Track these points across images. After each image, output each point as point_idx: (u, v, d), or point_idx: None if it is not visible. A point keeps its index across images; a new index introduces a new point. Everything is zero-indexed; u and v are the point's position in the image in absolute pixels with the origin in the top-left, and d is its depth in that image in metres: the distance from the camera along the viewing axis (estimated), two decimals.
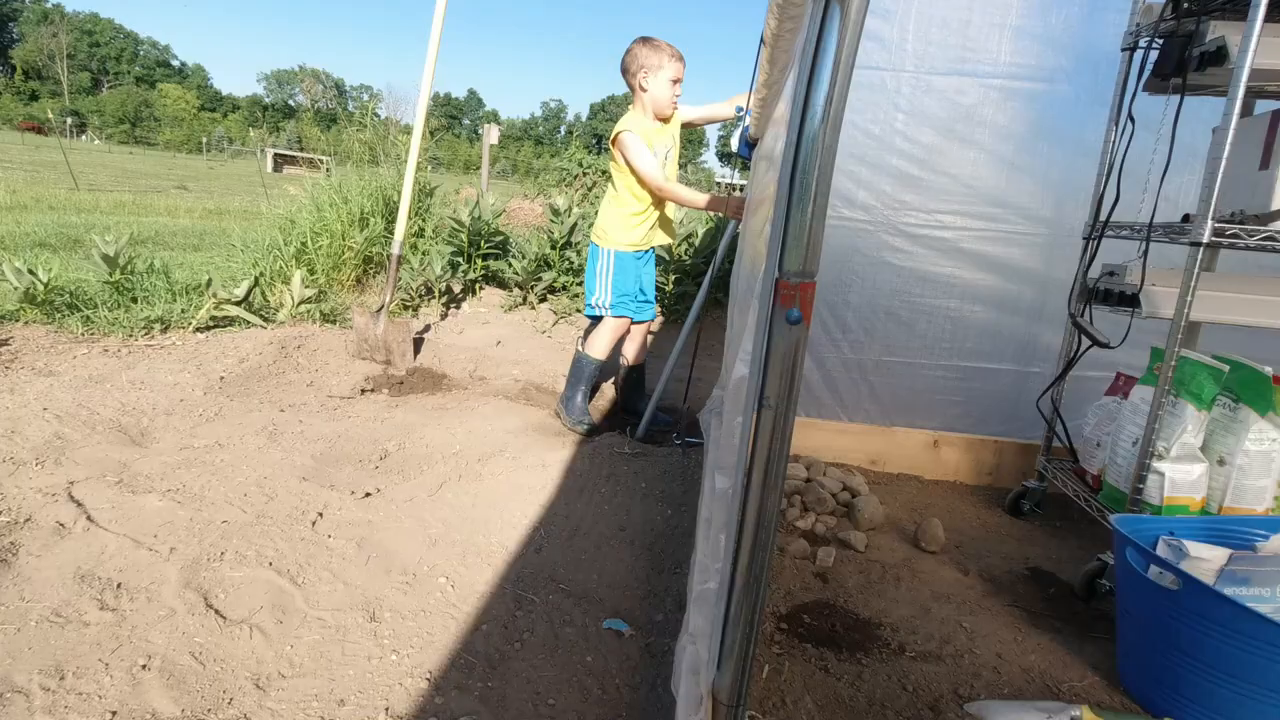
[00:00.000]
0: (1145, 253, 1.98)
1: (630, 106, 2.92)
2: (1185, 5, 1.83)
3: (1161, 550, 1.67)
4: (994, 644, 1.75)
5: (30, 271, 3.46)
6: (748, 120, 2.73)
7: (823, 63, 0.80)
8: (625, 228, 2.92)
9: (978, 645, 1.74)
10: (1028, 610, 1.94)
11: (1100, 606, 1.99)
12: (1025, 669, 1.67)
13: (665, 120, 2.89)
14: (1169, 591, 1.51)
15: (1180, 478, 1.92)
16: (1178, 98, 1.91)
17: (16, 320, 3.38)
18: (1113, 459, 2.15)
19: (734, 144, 2.86)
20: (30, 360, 2.95)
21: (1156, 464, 1.93)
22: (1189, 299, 1.80)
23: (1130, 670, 1.63)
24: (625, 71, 2.86)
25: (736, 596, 1.03)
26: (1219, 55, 1.78)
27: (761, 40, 1.35)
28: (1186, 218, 1.93)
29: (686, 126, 3.06)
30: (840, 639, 1.71)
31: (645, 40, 2.82)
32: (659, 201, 2.94)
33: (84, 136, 64.27)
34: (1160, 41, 2.02)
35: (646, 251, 3.04)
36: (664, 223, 3.05)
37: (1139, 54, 2.14)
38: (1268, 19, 1.61)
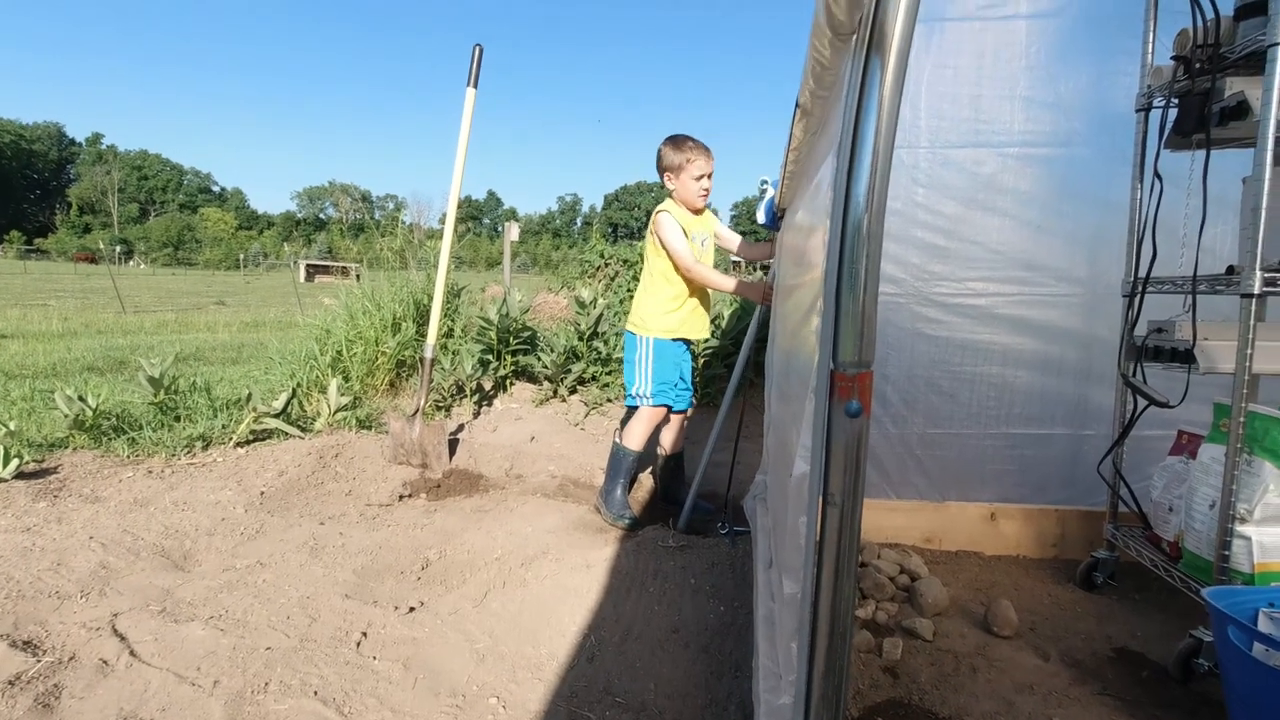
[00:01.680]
0: (1194, 307, 1.92)
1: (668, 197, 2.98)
2: (1198, 66, 1.85)
3: (1264, 625, 1.54)
4: None
5: (80, 398, 3.56)
6: (772, 192, 2.76)
7: (861, 154, 0.81)
8: (662, 313, 2.92)
9: None
10: (1121, 698, 1.79)
11: (1201, 689, 1.82)
12: None
13: (697, 212, 2.94)
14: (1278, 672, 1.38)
15: (1270, 541, 1.79)
16: (1202, 152, 1.91)
17: (65, 447, 3.45)
18: (1189, 524, 2.03)
19: (759, 215, 2.89)
20: (78, 487, 2.99)
21: (1241, 528, 1.81)
22: (1249, 352, 1.74)
23: None
24: (657, 170, 2.95)
25: (815, 711, 0.96)
26: (1240, 110, 1.79)
27: (796, 105, 1.37)
28: (1231, 269, 1.89)
29: None
30: None
31: (670, 140, 2.89)
32: (695, 287, 2.93)
33: (131, 262, 67.89)
34: (1175, 101, 2.04)
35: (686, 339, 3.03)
36: (699, 313, 3.00)
37: (1155, 113, 2.17)
38: None
